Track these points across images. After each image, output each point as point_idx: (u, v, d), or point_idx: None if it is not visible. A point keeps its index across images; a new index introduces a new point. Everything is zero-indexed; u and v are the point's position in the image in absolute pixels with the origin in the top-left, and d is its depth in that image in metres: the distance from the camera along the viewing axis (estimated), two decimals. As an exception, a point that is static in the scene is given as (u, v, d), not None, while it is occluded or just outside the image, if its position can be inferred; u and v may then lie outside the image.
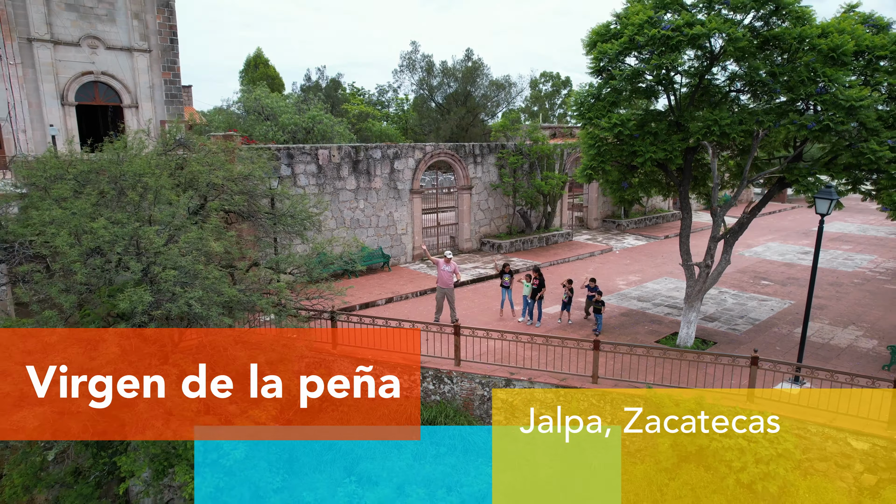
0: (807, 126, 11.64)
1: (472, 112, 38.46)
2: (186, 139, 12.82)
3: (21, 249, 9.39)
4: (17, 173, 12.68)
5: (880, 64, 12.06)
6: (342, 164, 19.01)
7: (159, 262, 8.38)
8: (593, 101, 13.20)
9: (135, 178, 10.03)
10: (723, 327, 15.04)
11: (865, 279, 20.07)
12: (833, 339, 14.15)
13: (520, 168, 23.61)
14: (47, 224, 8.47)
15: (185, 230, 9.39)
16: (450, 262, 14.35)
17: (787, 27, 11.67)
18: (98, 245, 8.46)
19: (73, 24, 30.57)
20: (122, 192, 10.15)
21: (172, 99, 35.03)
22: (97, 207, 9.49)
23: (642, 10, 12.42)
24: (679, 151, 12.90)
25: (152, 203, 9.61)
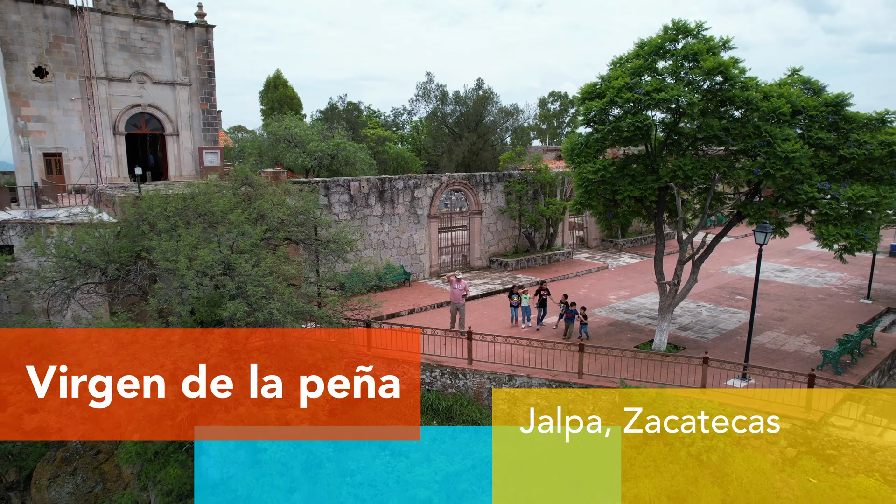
0: (753, 172, 14.48)
1: (483, 137, 41.51)
2: (250, 179, 15.84)
3: (141, 270, 12.38)
4: (120, 206, 15.72)
5: (814, 121, 14.88)
6: (370, 193, 22.04)
7: (249, 281, 11.33)
8: (582, 147, 16.12)
9: (221, 214, 13.02)
10: (694, 335, 17.78)
11: (829, 295, 22.71)
12: (784, 346, 16.86)
13: (525, 194, 26.53)
14: (171, 252, 11.44)
15: (262, 256, 12.35)
16: (460, 282, 17.24)
17: (737, 91, 14.50)
18: (203, 269, 11.43)
19: (125, 62, 33.96)
20: (212, 225, 13.17)
21: (209, 127, 38.40)
22: (198, 238, 12.48)
23: (622, 74, 15.32)
24: (653, 190, 15.77)
25: (236, 236, 12.59)
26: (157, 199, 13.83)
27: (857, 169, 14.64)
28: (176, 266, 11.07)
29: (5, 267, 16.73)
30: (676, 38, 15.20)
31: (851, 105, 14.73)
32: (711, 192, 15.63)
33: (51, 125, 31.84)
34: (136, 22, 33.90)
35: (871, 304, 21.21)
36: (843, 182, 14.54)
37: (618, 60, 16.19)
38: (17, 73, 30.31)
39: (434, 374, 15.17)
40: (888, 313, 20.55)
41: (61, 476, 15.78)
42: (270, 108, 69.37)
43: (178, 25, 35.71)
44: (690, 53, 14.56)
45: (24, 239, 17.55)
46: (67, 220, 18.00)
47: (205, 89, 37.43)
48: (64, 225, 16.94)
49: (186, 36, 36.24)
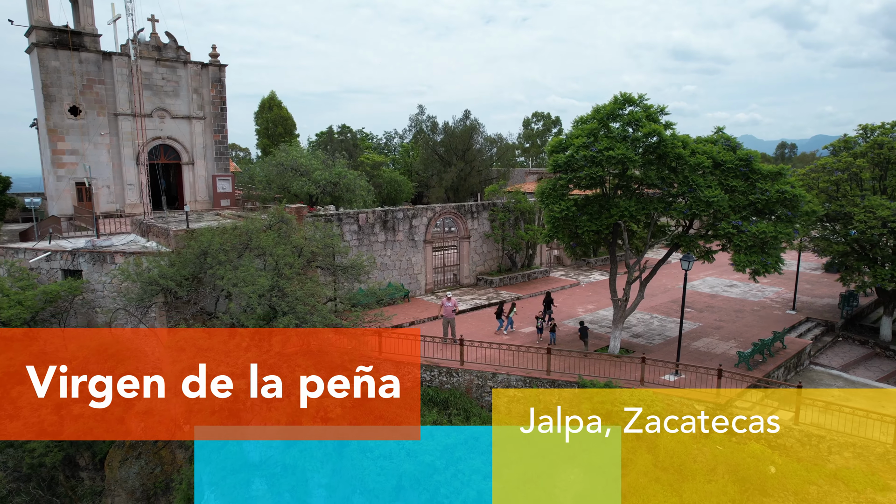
0: (683, 212, 18.59)
1: (470, 164, 45.60)
2: (284, 217, 19.62)
3: (209, 292, 16.12)
4: (174, 238, 19.40)
5: (730, 171, 19.01)
6: (375, 223, 25.91)
7: (298, 302, 15.13)
8: (551, 191, 20.13)
9: (270, 248, 16.83)
10: (643, 341, 21.80)
11: (763, 307, 26.90)
12: (715, 349, 20.92)
13: (507, 221, 30.53)
14: (236, 279, 15.19)
15: (303, 281, 16.17)
16: (451, 299, 21.13)
17: (669, 149, 18.57)
18: (262, 292, 15.22)
19: (147, 99, 37.73)
20: (259, 255, 16.96)
21: (220, 156, 42.22)
22: (246, 263, 16.27)
23: (581, 133, 19.38)
24: (607, 225, 19.80)
25: (283, 266, 16.39)
26: (212, 234, 17.53)
27: (762, 209, 18.78)
28: (243, 290, 14.85)
29: (80, 289, 20.31)
30: (624, 106, 19.33)
31: (757, 159, 18.93)
32: (652, 227, 19.72)
33: (82, 157, 35.45)
34: (158, 63, 37.68)
35: (795, 315, 25.39)
36: (751, 220, 18.68)
37: (579, 120, 20.30)
38: (55, 112, 33.95)
39: (433, 373, 19.00)
40: (806, 322, 24.72)
41: (129, 459, 19.32)
42: (265, 128, 73.29)
43: (195, 65, 39.58)
44: (633, 120, 18.68)
45: (91, 265, 21.17)
46: (124, 249, 21.62)
47: (217, 122, 41.26)
48: (127, 254, 20.58)
49: (201, 74, 40.11)
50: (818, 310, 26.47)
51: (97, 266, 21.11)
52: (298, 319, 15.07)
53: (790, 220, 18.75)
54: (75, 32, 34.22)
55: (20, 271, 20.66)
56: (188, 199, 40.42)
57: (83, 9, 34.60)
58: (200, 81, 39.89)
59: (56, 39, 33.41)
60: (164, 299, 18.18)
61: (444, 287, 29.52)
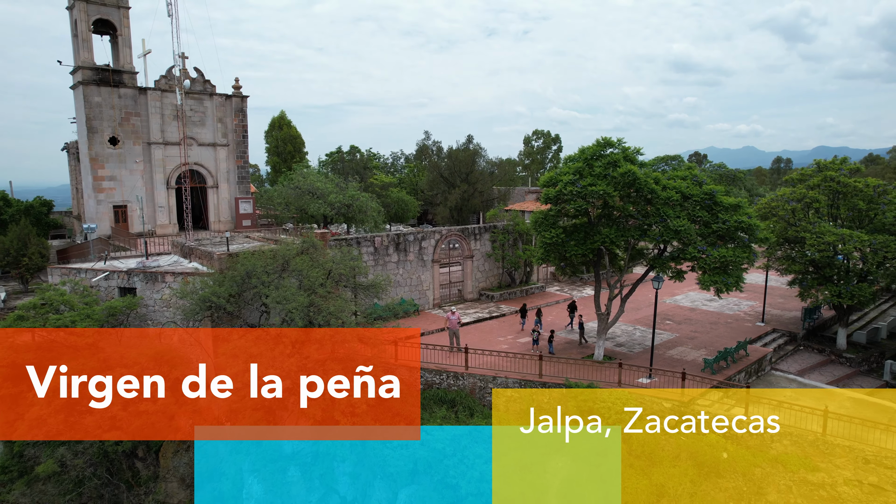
0: (656, 239, 21.77)
1: (473, 185, 48.93)
2: (314, 243, 22.84)
3: (255, 309, 19.31)
4: (218, 260, 22.62)
5: (696, 203, 22.18)
6: (389, 245, 29.15)
7: (332, 317, 18.30)
8: (542, 220, 23.34)
9: (306, 271, 20.03)
10: (625, 350, 24.90)
11: (736, 319, 29.99)
12: (686, 356, 24.01)
13: (506, 242, 33.75)
14: (280, 297, 18.37)
15: (334, 298, 19.36)
16: (455, 314, 24.28)
17: (643, 184, 21.74)
18: (301, 308, 18.41)
19: (177, 129, 41.13)
20: (296, 276, 20.16)
21: (242, 180, 45.64)
22: (287, 282, 19.47)
23: (568, 171, 22.61)
24: (592, 249, 22.97)
25: (317, 286, 19.58)
26: (254, 257, 20.70)
27: (723, 236, 21.94)
28: (286, 306, 18.04)
29: (136, 304, 23.52)
30: (605, 148, 22.61)
31: (721, 193, 22.12)
32: (630, 251, 22.91)
33: (119, 183, 38.89)
34: (187, 96, 41.15)
35: (763, 326, 28.47)
36: (715, 246, 21.85)
37: (568, 159, 23.59)
38: (97, 143, 37.40)
39: (442, 377, 22.12)
40: (772, 333, 27.78)
41: (180, 451, 22.40)
42: (275, 146, 76.95)
43: (220, 97, 43.12)
44: (611, 161, 21.92)
45: (144, 283, 24.38)
46: (172, 270, 24.82)
47: (239, 148, 44.73)
48: (175, 274, 23.80)
49: (226, 105, 43.64)
50: (785, 322, 29.55)
51: (149, 284, 24.32)
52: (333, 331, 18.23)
53: (747, 245, 21.92)
54: (115, 70, 37.75)
55: (84, 289, 23.88)
56: (212, 219, 43.79)
57: (122, 49, 38.15)
58: (224, 112, 43.39)
59: (99, 77, 36.92)
60: (211, 314, 21.37)
61: (450, 301, 32.66)
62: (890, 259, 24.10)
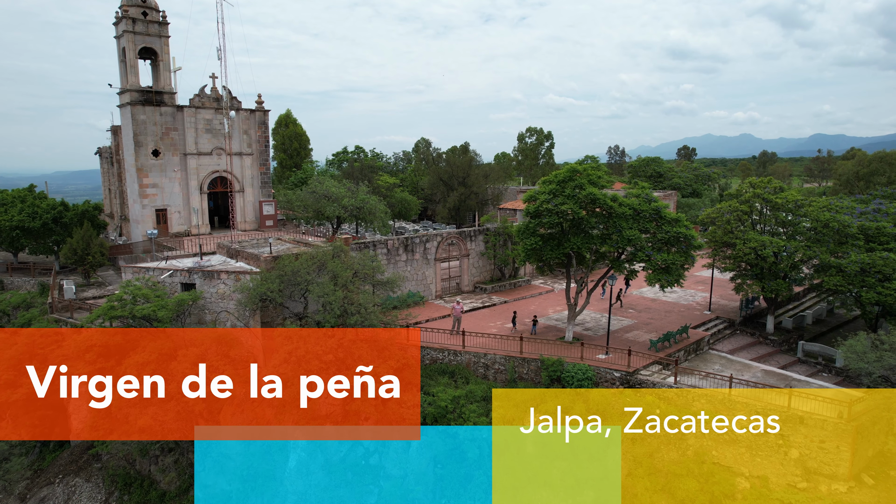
0: (614, 245, 27.65)
1: (469, 188, 54.66)
2: (343, 248, 28.56)
3: (298, 301, 25.11)
4: (263, 261, 28.35)
5: (645, 217, 27.99)
6: (399, 246, 34.94)
7: (362, 309, 24.10)
8: (524, 229, 29.17)
9: (340, 271, 25.83)
10: (591, 333, 30.83)
11: (689, 308, 35.93)
12: (639, 338, 29.95)
13: (497, 242, 39.57)
14: (322, 293, 24.13)
15: (360, 292, 25.20)
16: (459, 304, 30.15)
17: (603, 203, 27.51)
18: (339, 301, 24.21)
19: (208, 140, 46.80)
20: (330, 275, 25.97)
21: (265, 185, 51.23)
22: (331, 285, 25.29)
23: (545, 192, 28.37)
24: (563, 254, 28.81)
25: (349, 283, 25.38)
26: (297, 260, 26.40)
27: (668, 242, 27.77)
28: (328, 299, 23.83)
29: (198, 297, 29.27)
30: (574, 174, 28.36)
31: (665, 208, 27.93)
32: (593, 255, 28.77)
33: (160, 189, 44.50)
34: (217, 111, 46.66)
35: (709, 314, 34.42)
36: (660, 251, 27.69)
37: (545, 179, 29.34)
38: (142, 155, 42.97)
39: (444, 353, 28.01)
40: (715, 319, 33.73)
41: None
42: (282, 143, 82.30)
43: (245, 112, 48.64)
44: (579, 185, 27.70)
45: (202, 280, 30.12)
46: (225, 269, 30.52)
47: (262, 157, 50.28)
48: (229, 272, 29.54)
49: (250, 119, 49.16)
50: (728, 311, 35.52)
51: (206, 281, 30.07)
52: (362, 318, 24.09)
53: (685, 251, 27.80)
54: (157, 92, 43.23)
55: (154, 284, 29.62)
56: (239, 220, 49.45)
57: (163, 72, 43.61)
58: (249, 124, 48.89)
59: (143, 98, 42.41)
60: (262, 305, 27.14)
61: (449, 293, 38.54)
62: (805, 261, 30.05)
